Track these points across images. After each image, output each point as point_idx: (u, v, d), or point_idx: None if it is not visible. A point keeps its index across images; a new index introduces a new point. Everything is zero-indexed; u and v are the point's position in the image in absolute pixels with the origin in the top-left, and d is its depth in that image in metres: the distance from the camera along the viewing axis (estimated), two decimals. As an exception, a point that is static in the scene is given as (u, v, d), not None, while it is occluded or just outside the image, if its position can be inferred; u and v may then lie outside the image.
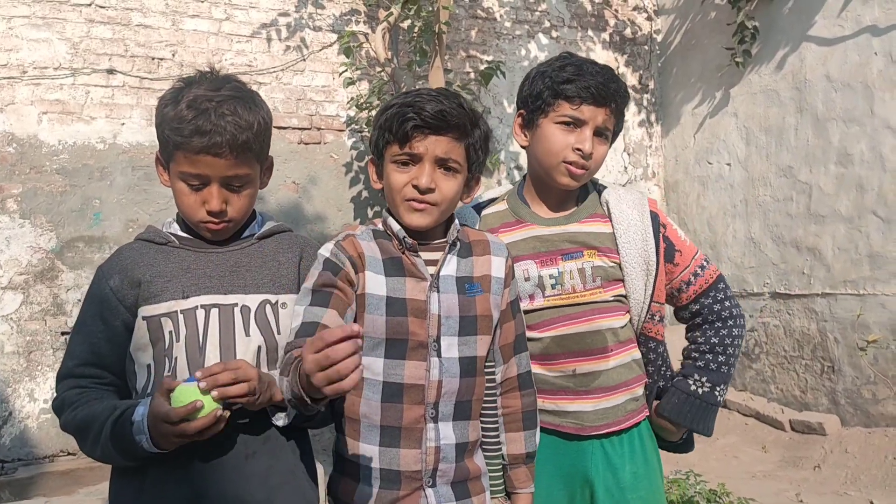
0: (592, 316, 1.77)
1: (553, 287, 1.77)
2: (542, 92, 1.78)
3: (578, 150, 1.73)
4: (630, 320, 1.82)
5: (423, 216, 1.56)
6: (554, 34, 6.39)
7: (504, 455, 1.68)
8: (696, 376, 1.83)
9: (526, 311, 1.77)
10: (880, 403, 4.87)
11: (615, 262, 1.79)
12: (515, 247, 1.79)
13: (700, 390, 1.81)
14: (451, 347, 1.56)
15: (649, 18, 6.78)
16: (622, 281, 1.80)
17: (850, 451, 4.69)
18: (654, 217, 1.83)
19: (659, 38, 6.82)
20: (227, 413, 1.39)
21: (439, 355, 1.55)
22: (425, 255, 1.60)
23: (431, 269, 1.59)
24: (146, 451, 1.41)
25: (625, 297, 1.81)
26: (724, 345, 1.84)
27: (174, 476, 1.47)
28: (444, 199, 1.56)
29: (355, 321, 1.53)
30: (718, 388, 1.82)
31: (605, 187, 1.89)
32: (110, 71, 4.91)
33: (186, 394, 1.34)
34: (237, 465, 1.49)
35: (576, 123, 1.74)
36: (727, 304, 1.87)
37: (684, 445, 1.95)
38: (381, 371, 1.53)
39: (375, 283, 1.55)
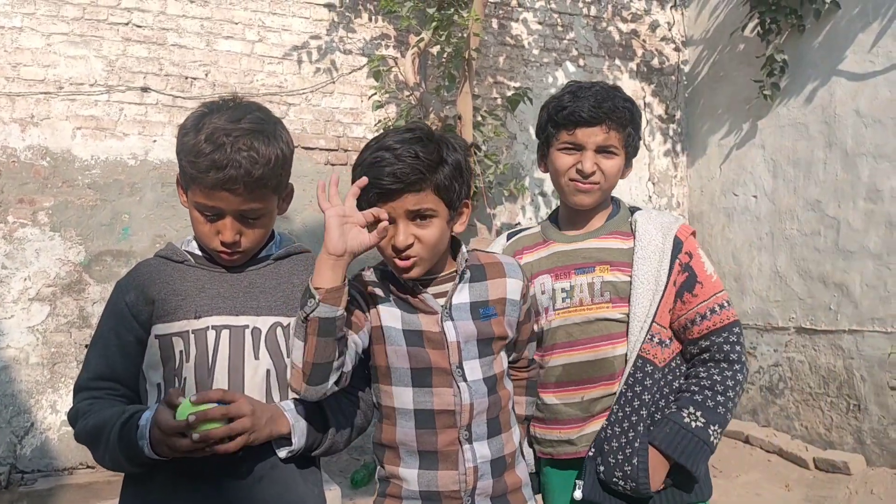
0: (600, 343, 1.80)
1: (563, 300, 1.83)
2: (546, 124, 1.91)
3: (580, 170, 1.83)
4: (628, 340, 1.80)
5: (414, 270, 1.55)
6: (581, 62, 6.42)
7: None
8: (692, 409, 1.77)
9: (540, 332, 1.86)
10: (907, 444, 4.77)
11: (627, 278, 1.81)
12: (539, 264, 1.89)
13: (693, 424, 1.75)
14: (474, 371, 1.60)
15: (677, 49, 6.79)
16: (629, 299, 1.81)
17: (876, 493, 4.58)
18: (678, 243, 1.83)
19: (686, 68, 6.82)
20: (216, 448, 1.38)
21: (465, 380, 1.58)
22: (433, 290, 1.62)
23: (442, 301, 1.60)
24: (147, 456, 1.41)
25: (628, 316, 1.81)
26: (725, 386, 1.78)
27: (180, 495, 1.47)
28: (428, 248, 1.54)
29: (370, 350, 1.61)
30: (713, 428, 1.75)
31: (639, 209, 1.94)
32: (144, 89, 5.00)
33: (184, 412, 1.36)
34: (245, 489, 1.48)
35: (576, 147, 1.84)
36: (738, 348, 1.82)
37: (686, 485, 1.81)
38: (411, 400, 1.57)
39: (391, 316, 1.59)
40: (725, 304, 1.84)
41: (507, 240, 2.02)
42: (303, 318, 1.38)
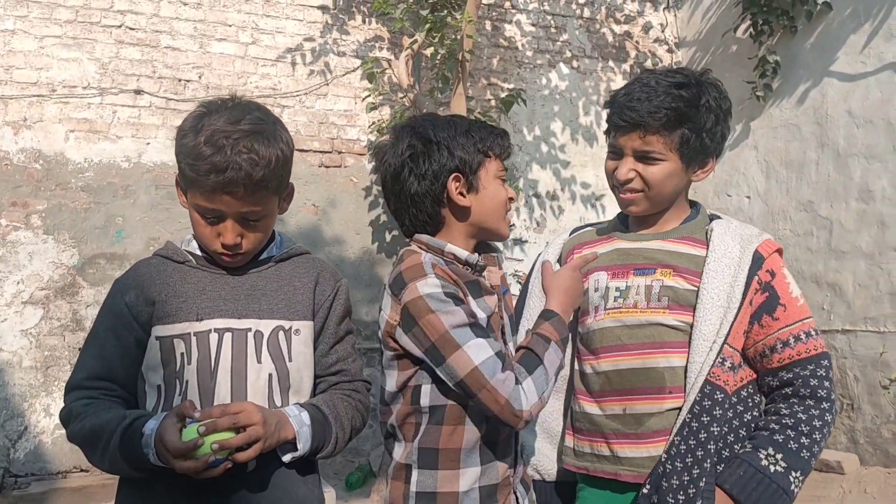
0: (651, 350, 1.61)
1: (615, 300, 1.66)
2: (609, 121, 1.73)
3: (617, 177, 1.67)
4: (690, 361, 1.58)
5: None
6: (575, 64, 6.44)
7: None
8: (771, 451, 1.53)
9: (587, 331, 1.71)
10: (900, 443, 4.80)
11: (692, 287, 1.61)
12: (597, 260, 1.74)
13: (772, 468, 1.52)
14: (511, 349, 1.61)
15: (670, 51, 6.81)
16: (693, 309, 1.60)
17: (870, 492, 4.60)
18: (758, 258, 1.62)
19: (680, 70, 6.84)
20: (227, 464, 1.37)
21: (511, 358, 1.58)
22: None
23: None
24: (152, 463, 1.40)
25: (690, 326, 1.60)
26: (812, 427, 1.55)
27: (182, 501, 1.46)
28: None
29: None
30: (794, 474, 1.52)
31: (719, 218, 1.74)
32: (138, 91, 4.99)
33: (191, 434, 1.35)
34: (247, 494, 1.47)
35: (617, 153, 1.68)
36: (826, 384, 1.58)
37: None
38: None
39: (476, 308, 1.51)
40: (813, 333, 1.61)
41: (570, 234, 1.89)
42: (559, 339, 1.51)
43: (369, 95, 5.44)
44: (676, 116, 1.60)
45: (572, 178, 6.24)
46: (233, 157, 1.43)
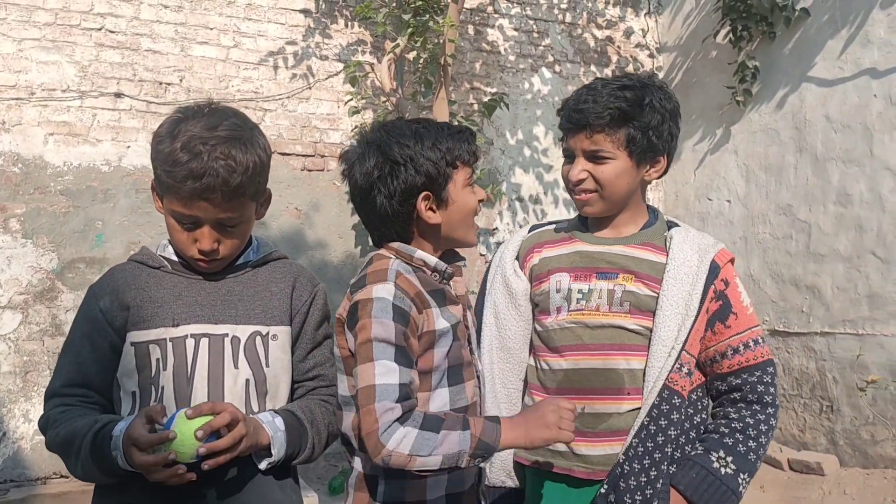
0: (610, 351, 1.67)
1: (578, 301, 1.70)
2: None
3: (570, 178, 1.72)
4: (649, 365, 1.64)
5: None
6: (557, 68, 6.47)
7: None
8: (722, 453, 1.62)
9: (546, 330, 1.74)
10: (879, 445, 4.85)
11: (653, 293, 1.67)
12: (558, 260, 1.77)
13: (723, 470, 1.60)
14: (476, 360, 1.64)
15: (651, 56, 6.86)
16: (653, 315, 1.66)
17: (849, 493, 4.65)
18: (714, 267, 1.69)
19: (661, 74, 6.89)
20: (192, 475, 1.36)
21: (477, 368, 1.62)
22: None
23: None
24: (120, 467, 1.39)
25: (650, 331, 1.66)
26: (758, 430, 1.64)
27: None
28: None
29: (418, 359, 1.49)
30: (742, 476, 1.61)
31: (678, 225, 1.80)
32: (118, 94, 4.96)
33: (188, 432, 1.34)
34: (221, 498, 1.47)
35: (569, 156, 1.74)
36: (772, 390, 1.67)
37: None
38: (448, 400, 1.50)
39: (439, 318, 1.50)
40: (760, 341, 1.71)
41: (529, 231, 1.91)
42: (474, 461, 1.39)
43: (352, 99, 5.44)
44: (621, 115, 1.66)
45: (555, 181, 6.27)
46: (210, 164, 1.42)
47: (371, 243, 1.65)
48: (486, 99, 5.82)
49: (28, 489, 4.39)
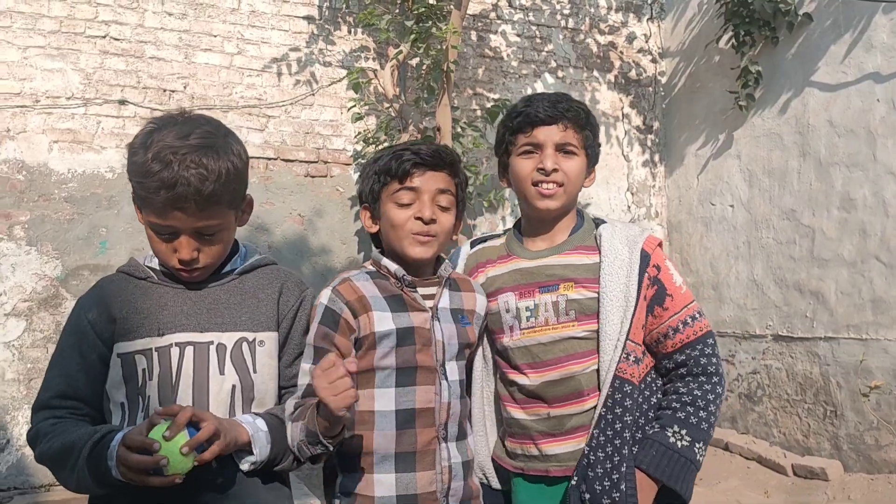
0: (566, 363, 1.76)
1: (528, 319, 1.79)
2: (504, 134, 1.89)
3: (541, 169, 1.79)
4: (600, 361, 1.75)
5: (426, 248, 1.66)
6: (560, 74, 6.48)
7: None
8: (676, 428, 1.72)
9: (504, 349, 1.83)
10: (883, 450, 4.83)
11: (594, 295, 1.76)
12: (500, 279, 1.85)
13: (679, 443, 1.71)
14: (454, 371, 1.69)
15: (654, 61, 6.87)
16: (597, 314, 1.76)
17: (853, 498, 4.63)
18: (645, 256, 1.79)
19: (663, 80, 6.90)
20: (176, 476, 1.36)
21: (446, 378, 1.67)
22: (421, 290, 1.70)
23: (429, 303, 1.69)
24: (114, 477, 1.39)
25: (597, 333, 1.76)
26: (706, 400, 1.74)
27: None
28: (444, 232, 1.68)
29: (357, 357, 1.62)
30: (698, 446, 1.72)
31: (604, 222, 1.89)
32: (122, 102, 4.98)
33: (160, 430, 1.35)
34: (208, 502, 1.47)
35: (535, 148, 1.81)
36: (713, 360, 1.78)
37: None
38: (394, 400, 1.61)
39: (383, 320, 1.62)
40: (697, 316, 1.80)
41: (471, 248, 1.99)
42: (307, 452, 1.50)
43: (355, 105, 5.45)
44: (585, 117, 1.82)
45: (558, 187, 6.27)
46: (180, 173, 1.41)
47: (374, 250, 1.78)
48: (489, 105, 5.83)
49: (32, 497, 4.39)
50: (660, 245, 1.85)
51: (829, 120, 5.29)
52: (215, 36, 5.28)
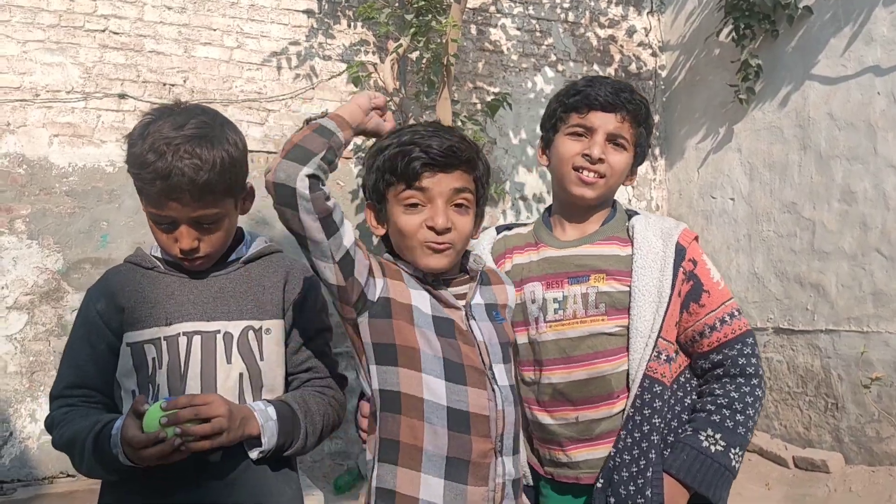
0: (595, 360, 1.65)
1: (556, 311, 1.68)
2: (556, 109, 1.76)
3: (586, 155, 1.68)
4: (630, 359, 1.64)
5: (441, 258, 1.46)
6: (560, 68, 6.47)
7: None
8: (710, 431, 1.61)
9: (528, 342, 1.72)
10: (884, 442, 4.84)
11: (625, 288, 1.66)
12: (528, 268, 1.75)
13: (713, 448, 1.60)
14: (502, 375, 1.49)
15: (654, 54, 6.86)
16: (629, 309, 1.65)
17: (854, 490, 4.64)
18: (680, 249, 1.68)
19: (664, 73, 6.89)
20: (191, 446, 1.38)
21: (496, 383, 1.47)
22: (452, 290, 1.53)
23: (461, 301, 1.52)
24: (122, 463, 1.41)
25: (627, 329, 1.65)
26: (744, 403, 1.63)
27: (156, 500, 1.48)
28: (462, 238, 1.48)
29: (392, 326, 1.45)
30: (734, 451, 1.60)
31: (637, 214, 1.79)
32: (122, 95, 4.98)
33: (154, 416, 1.36)
34: (219, 492, 1.49)
35: (586, 132, 1.70)
36: (753, 360, 1.67)
37: None
38: (444, 395, 1.40)
39: (420, 298, 1.47)
40: (736, 314, 1.70)
41: (498, 233, 1.88)
42: (305, 120, 1.39)
43: (355, 99, 5.44)
44: (645, 113, 1.72)
45: (558, 180, 6.27)
46: (174, 163, 1.43)
47: (374, 242, 1.66)
48: (489, 98, 5.82)
49: (35, 489, 4.40)
50: (696, 239, 1.75)
51: (830, 113, 5.29)
52: (215, 30, 5.27)
